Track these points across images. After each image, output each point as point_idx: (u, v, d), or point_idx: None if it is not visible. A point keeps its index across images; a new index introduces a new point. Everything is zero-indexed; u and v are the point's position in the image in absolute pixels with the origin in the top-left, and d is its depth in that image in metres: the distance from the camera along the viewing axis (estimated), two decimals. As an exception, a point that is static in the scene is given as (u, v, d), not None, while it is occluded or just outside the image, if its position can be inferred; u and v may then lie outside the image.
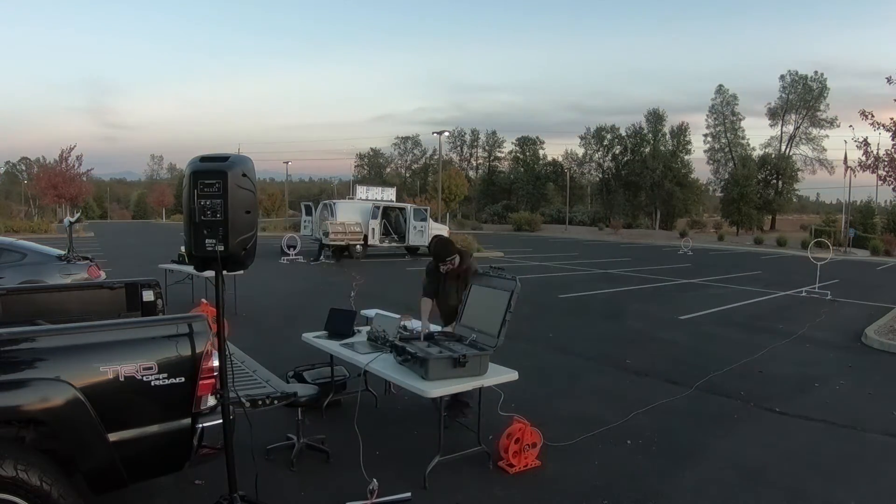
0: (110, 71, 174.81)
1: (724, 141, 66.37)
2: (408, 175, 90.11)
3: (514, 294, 3.95)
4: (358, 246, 20.40)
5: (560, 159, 79.77)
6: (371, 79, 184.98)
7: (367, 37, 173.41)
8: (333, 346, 4.58)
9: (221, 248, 2.70)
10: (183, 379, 2.72)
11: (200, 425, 2.78)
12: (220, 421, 2.80)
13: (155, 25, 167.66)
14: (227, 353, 2.82)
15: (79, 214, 18.40)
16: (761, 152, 63.64)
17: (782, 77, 63.20)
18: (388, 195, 22.96)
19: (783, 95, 63.20)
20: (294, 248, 19.57)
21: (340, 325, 4.89)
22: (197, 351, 2.77)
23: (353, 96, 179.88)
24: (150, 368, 2.64)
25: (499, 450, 3.96)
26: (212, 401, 2.83)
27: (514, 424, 3.93)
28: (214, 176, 2.66)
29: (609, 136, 72.82)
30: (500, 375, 3.96)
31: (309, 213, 22.88)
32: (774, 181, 60.88)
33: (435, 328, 4.73)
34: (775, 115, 63.96)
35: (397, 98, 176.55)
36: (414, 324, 5.00)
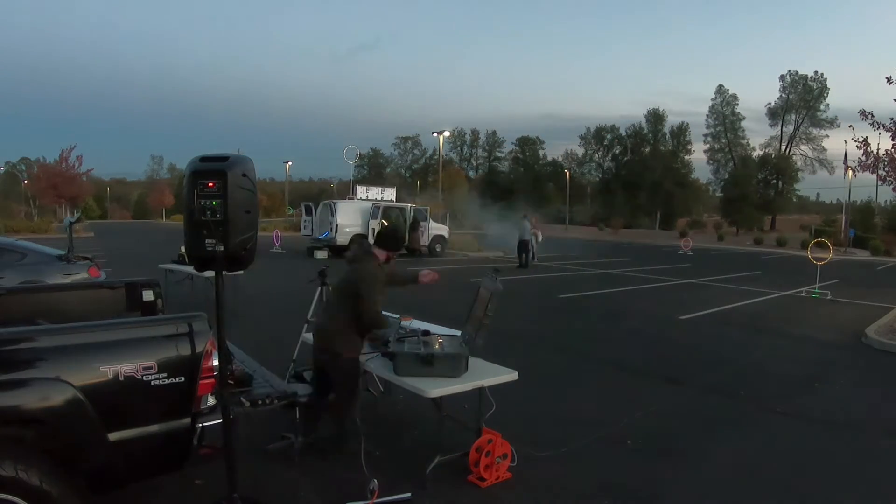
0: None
1: (724, 141, 66.43)
2: (408, 175, 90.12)
3: (494, 296, 3.90)
4: None
5: (560, 159, 79.97)
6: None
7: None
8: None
9: (221, 248, 2.70)
10: (183, 378, 2.73)
11: (200, 425, 2.79)
12: (220, 421, 2.81)
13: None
14: (226, 353, 2.83)
15: (79, 214, 18.42)
16: (761, 152, 63.76)
17: (782, 77, 63.42)
18: (388, 195, 23.01)
19: (783, 95, 63.33)
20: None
21: None
22: (197, 351, 2.78)
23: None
24: (150, 368, 2.64)
25: (469, 464, 3.78)
26: (212, 400, 2.84)
27: (483, 437, 3.80)
28: (214, 176, 2.67)
29: (609, 137, 72.95)
30: (500, 376, 3.94)
31: (309, 213, 22.89)
32: (774, 181, 60.93)
33: (441, 330, 4.70)
34: (775, 115, 64.07)
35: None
36: (414, 324, 4.98)
